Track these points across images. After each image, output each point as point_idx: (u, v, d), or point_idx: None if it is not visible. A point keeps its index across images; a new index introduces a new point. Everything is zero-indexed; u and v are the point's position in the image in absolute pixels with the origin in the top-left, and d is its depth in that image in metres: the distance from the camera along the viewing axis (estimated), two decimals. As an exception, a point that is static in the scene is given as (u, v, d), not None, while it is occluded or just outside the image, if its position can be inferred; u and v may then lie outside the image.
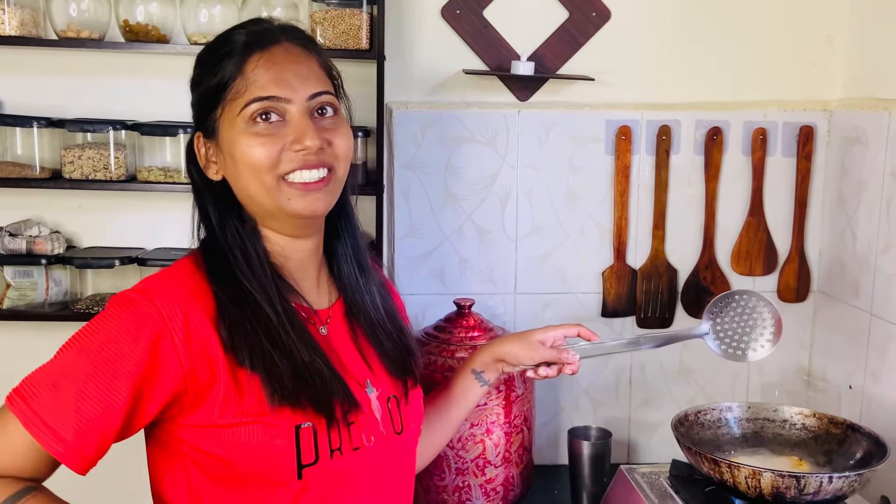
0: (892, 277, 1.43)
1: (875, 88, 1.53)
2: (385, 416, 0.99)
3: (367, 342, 1.03)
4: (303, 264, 1.00)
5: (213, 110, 0.94)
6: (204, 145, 0.97)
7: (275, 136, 0.91)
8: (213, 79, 0.93)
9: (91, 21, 1.49)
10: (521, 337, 1.18)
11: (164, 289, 0.89)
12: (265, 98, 0.91)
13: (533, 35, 1.61)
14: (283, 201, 0.93)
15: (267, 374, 0.89)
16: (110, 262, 1.52)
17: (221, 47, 0.94)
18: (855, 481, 1.13)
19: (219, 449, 0.89)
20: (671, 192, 1.66)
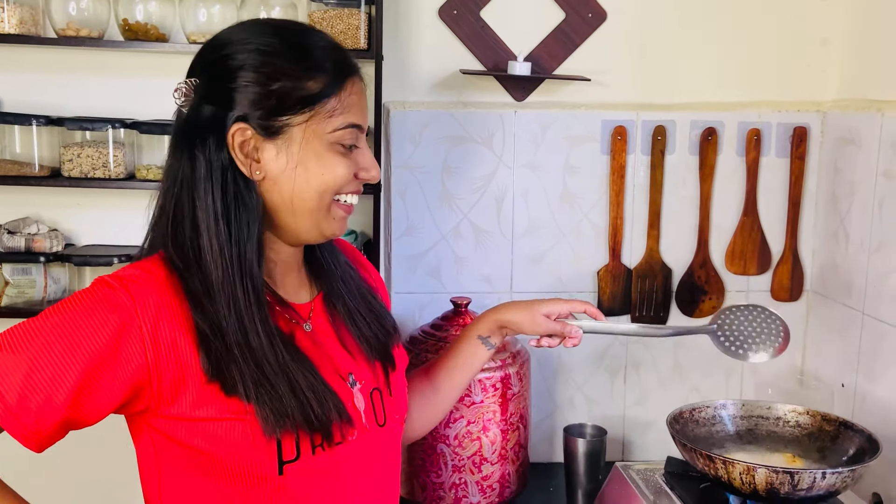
0: (884, 277, 1.45)
1: (868, 90, 1.54)
2: (368, 408, 1.00)
3: (348, 331, 1.03)
4: (288, 265, 1.00)
5: (290, 114, 0.90)
6: (248, 139, 0.90)
7: (350, 161, 0.94)
8: (299, 84, 0.90)
9: (90, 20, 1.50)
10: (527, 308, 1.18)
11: (143, 281, 0.88)
12: (357, 126, 0.94)
13: (529, 36, 1.62)
14: (325, 221, 0.94)
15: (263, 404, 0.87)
16: (109, 260, 1.53)
17: (306, 54, 0.92)
18: (848, 477, 1.15)
19: (198, 441, 0.89)
20: (666, 191, 1.67)
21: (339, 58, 0.94)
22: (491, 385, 1.43)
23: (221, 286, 0.89)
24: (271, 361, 0.89)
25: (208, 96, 0.90)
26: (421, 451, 1.44)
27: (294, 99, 0.90)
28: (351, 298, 1.05)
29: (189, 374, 0.87)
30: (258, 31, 0.93)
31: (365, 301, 1.06)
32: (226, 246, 0.89)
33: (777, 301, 1.71)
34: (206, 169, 0.89)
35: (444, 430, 1.42)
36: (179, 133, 0.92)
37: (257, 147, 0.90)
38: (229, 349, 0.88)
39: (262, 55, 0.90)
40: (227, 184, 0.90)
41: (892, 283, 1.42)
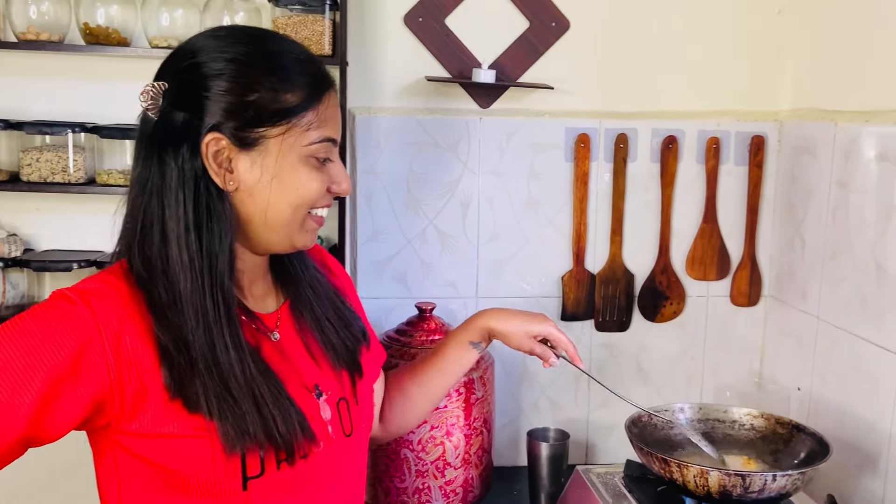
0: (837, 283, 1.49)
1: (822, 100, 1.58)
2: (335, 418, 1.00)
3: (315, 339, 1.02)
4: (255, 274, 1.00)
5: (266, 126, 0.89)
6: (226, 150, 0.88)
7: (323, 175, 0.94)
8: (276, 96, 0.89)
9: (51, 23, 1.48)
10: (521, 325, 1.18)
11: (104, 294, 0.86)
12: (333, 140, 0.94)
13: (494, 43, 1.64)
14: (297, 233, 0.95)
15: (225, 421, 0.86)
16: (68, 266, 1.51)
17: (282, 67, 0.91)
18: (798, 479, 1.18)
19: (160, 457, 0.88)
20: (628, 198, 1.70)
21: (317, 71, 0.94)
22: (454, 390, 1.44)
23: (189, 297, 0.87)
24: (238, 376, 0.88)
25: (179, 103, 0.88)
26: (384, 457, 1.45)
27: (271, 111, 0.89)
28: (319, 305, 1.04)
29: (151, 389, 0.86)
30: (233, 39, 0.91)
31: (333, 307, 1.06)
32: (196, 257, 0.87)
33: (736, 306, 1.75)
34: (177, 177, 0.87)
35: (408, 435, 1.43)
36: (148, 139, 0.90)
37: (231, 158, 0.89)
38: (193, 363, 0.86)
39: (239, 65, 0.89)
40: (200, 193, 0.88)
41: (845, 290, 1.46)
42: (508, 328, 1.19)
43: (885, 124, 1.35)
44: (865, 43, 1.44)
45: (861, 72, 1.45)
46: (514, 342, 1.19)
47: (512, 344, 1.20)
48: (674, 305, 1.74)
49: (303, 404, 0.95)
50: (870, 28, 1.43)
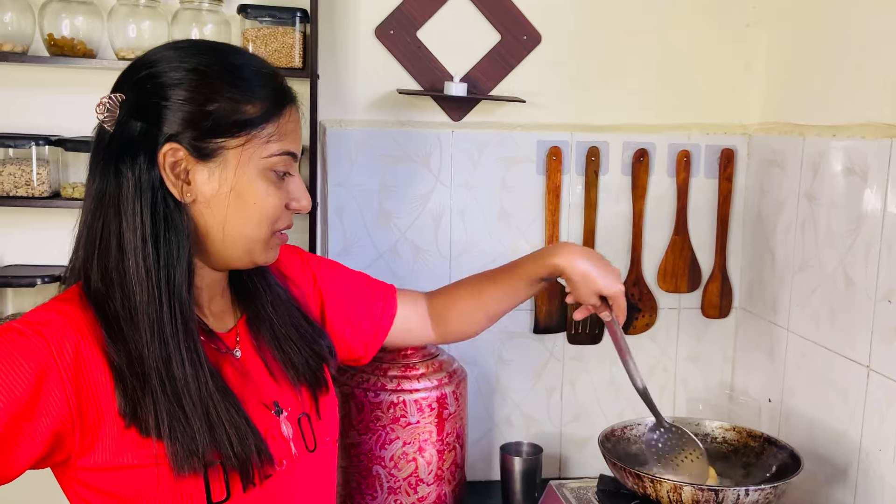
0: (807, 295, 1.50)
1: (791, 114, 1.60)
2: (297, 435, 0.98)
3: (273, 357, 1.00)
4: (213, 290, 0.98)
5: (226, 137, 0.88)
6: (179, 160, 0.87)
7: (281, 190, 0.93)
8: (236, 107, 0.88)
9: (14, 34, 1.45)
10: (593, 281, 1.16)
11: (56, 323, 0.83)
12: (292, 154, 0.93)
13: (466, 57, 1.64)
14: (262, 251, 0.94)
15: (174, 441, 0.83)
16: (31, 281, 1.47)
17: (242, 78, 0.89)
18: (770, 493, 1.18)
19: (121, 489, 0.85)
20: (600, 211, 1.70)
21: (279, 85, 0.93)
22: (427, 405, 1.42)
23: (146, 310, 0.85)
24: (192, 393, 0.85)
25: (137, 113, 0.86)
26: (356, 474, 1.43)
27: (231, 121, 0.88)
28: (280, 324, 1.02)
29: (107, 417, 0.84)
30: (195, 50, 0.91)
31: (295, 325, 1.04)
32: (153, 268, 0.86)
33: (707, 318, 1.76)
34: (134, 188, 0.86)
35: (380, 452, 1.41)
36: (103, 150, 0.88)
37: (188, 169, 0.88)
38: (147, 380, 0.84)
39: (199, 75, 0.88)
40: (157, 204, 0.86)
41: (815, 302, 1.47)
42: (581, 276, 1.16)
43: (852, 138, 1.37)
44: (833, 58, 1.46)
45: (829, 86, 1.47)
46: (580, 291, 1.17)
47: (576, 291, 1.18)
48: (646, 318, 1.74)
49: (262, 422, 0.93)
50: (837, 43, 1.45)
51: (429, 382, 1.43)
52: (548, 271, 1.19)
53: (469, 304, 1.25)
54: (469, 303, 1.25)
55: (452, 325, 1.26)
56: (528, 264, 1.21)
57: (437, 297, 1.27)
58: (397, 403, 1.41)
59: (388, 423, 1.41)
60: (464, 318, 1.26)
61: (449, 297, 1.26)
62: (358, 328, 1.20)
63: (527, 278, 1.21)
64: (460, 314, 1.25)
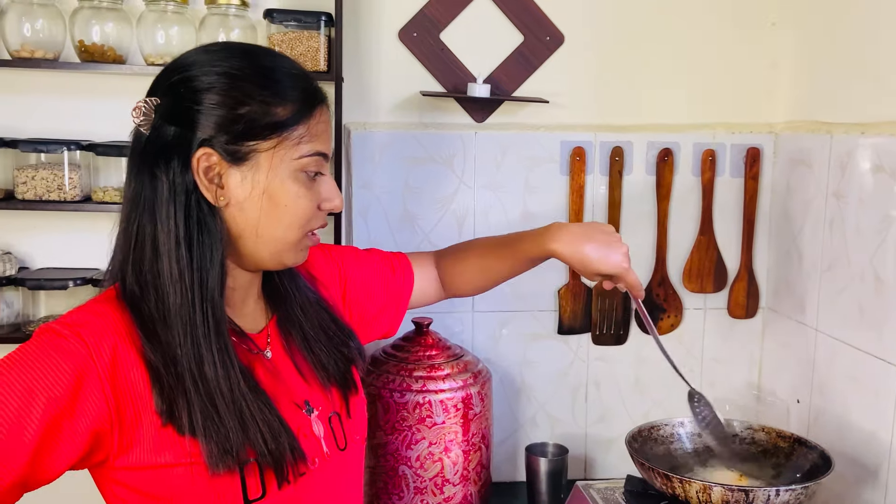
0: (835, 294, 1.48)
1: (818, 112, 1.59)
2: (328, 434, 0.99)
3: (303, 357, 1.01)
4: (246, 292, 0.99)
5: (256, 139, 0.88)
6: (217, 165, 0.88)
7: (313, 191, 0.93)
8: (267, 109, 0.88)
9: (45, 41, 1.48)
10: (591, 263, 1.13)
11: (94, 325, 0.85)
12: (323, 154, 0.93)
13: (489, 58, 1.64)
14: (293, 252, 0.95)
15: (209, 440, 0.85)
16: (64, 284, 1.50)
17: (274, 80, 0.90)
18: (801, 494, 1.17)
19: (158, 489, 0.86)
20: (624, 211, 1.70)
21: (308, 85, 0.94)
22: (452, 406, 1.43)
23: (178, 312, 0.86)
24: (224, 393, 0.86)
25: (171, 117, 0.87)
26: (383, 474, 1.44)
27: (263, 124, 0.88)
28: (309, 326, 1.03)
29: (144, 416, 0.85)
30: (226, 54, 0.91)
31: (323, 327, 1.05)
32: (186, 271, 0.87)
33: (734, 318, 1.74)
34: (168, 191, 0.87)
35: (406, 452, 1.42)
36: (139, 154, 0.89)
37: (221, 173, 0.88)
38: (181, 378, 0.85)
39: (231, 78, 0.88)
40: (191, 207, 0.88)
41: (844, 301, 1.45)
42: (578, 261, 1.13)
43: (881, 136, 1.35)
44: (860, 54, 1.44)
45: (856, 83, 1.46)
46: (581, 272, 1.16)
47: (577, 272, 1.18)
48: (671, 318, 1.73)
49: (294, 421, 0.94)
50: (864, 39, 1.44)
51: (454, 383, 1.44)
52: (545, 255, 1.18)
53: (475, 272, 1.26)
54: (475, 271, 1.26)
55: (459, 287, 1.29)
56: (527, 243, 1.19)
57: (446, 260, 1.29)
58: (423, 404, 1.41)
59: (414, 423, 1.41)
60: (469, 282, 1.28)
61: (457, 263, 1.27)
62: (383, 307, 1.22)
63: (526, 258, 1.21)
64: (466, 279, 1.27)
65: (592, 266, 1.13)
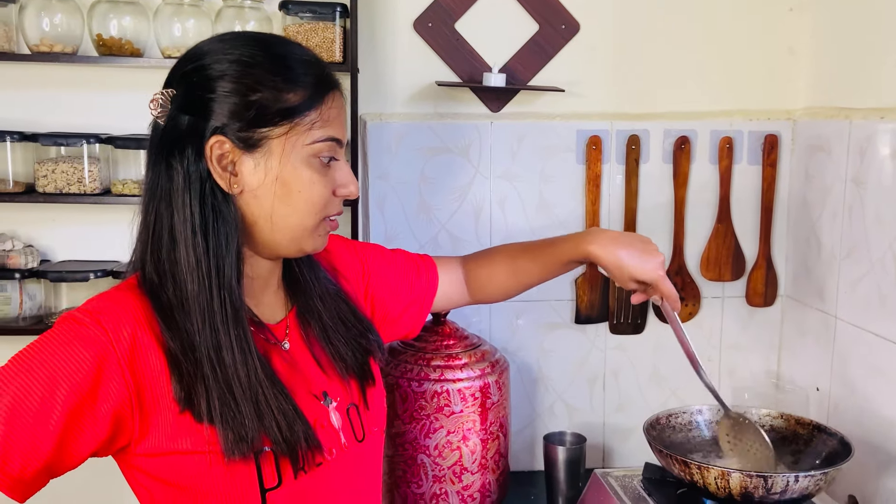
0: (855, 282, 1.47)
1: (836, 98, 1.57)
2: (346, 425, 0.99)
3: (322, 348, 1.02)
4: (265, 281, 0.99)
5: (268, 126, 0.88)
6: (230, 153, 0.89)
7: (327, 178, 0.93)
8: (279, 96, 0.89)
9: (64, 35, 1.49)
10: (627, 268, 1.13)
11: (113, 312, 0.86)
12: (336, 140, 0.93)
13: (504, 47, 1.64)
14: (310, 239, 0.95)
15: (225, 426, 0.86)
16: (85, 276, 1.52)
17: (286, 66, 0.90)
18: (821, 480, 1.16)
19: (177, 477, 0.88)
20: (641, 200, 1.69)
21: (320, 71, 0.94)
22: (470, 394, 1.43)
23: (196, 299, 0.87)
24: (241, 379, 0.87)
25: (185, 106, 0.88)
26: (402, 462, 1.45)
27: (274, 111, 0.89)
28: (328, 317, 1.03)
29: (162, 402, 0.86)
30: (238, 42, 0.92)
31: (342, 320, 1.05)
32: (203, 258, 0.88)
33: (752, 306, 1.74)
34: (183, 180, 0.88)
35: (424, 441, 1.42)
36: (156, 145, 0.90)
37: (235, 161, 0.89)
38: (199, 365, 0.86)
39: (243, 66, 0.89)
40: (206, 195, 0.88)
41: (863, 288, 1.44)
42: (614, 265, 1.14)
43: (901, 120, 1.34)
44: (879, 38, 1.43)
45: (875, 68, 1.44)
46: (615, 278, 1.16)
47: (612, 277, 1.17)
48: (689, 307, 1.73)
49: (312, 412, 0.94)
50: (884, 23, 1.42)
51: (472, 372, 1.44)
52: (582, 257, 1.18)
53: (504, 275, 1.26)
54: (504, 274, 1.26)
55: (487, 292, 1.28)
56: (564, 246, 1.20)
57: (473, 264, 1.28)
58: (441, 393, 1.42)
59: (432, 412, 1.42)
60: (499, 286, 1.27)
61: (485, 266, 1.27)
62: (406, 308, 1.22)
63: (561, 260, 1.21)
64: (495, 282, 1.27)
65: (628, 271, 1.13)
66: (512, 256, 1.26)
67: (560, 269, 1.23)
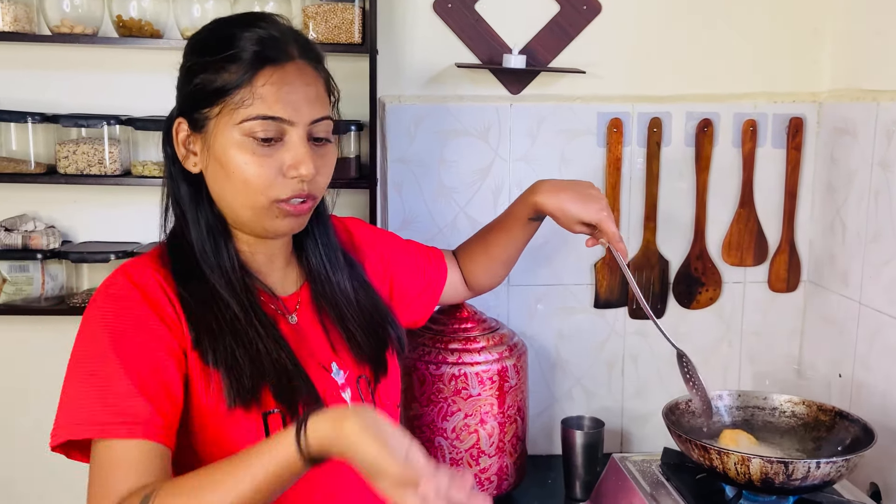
0: (880, 267, 1.45)
1: (863, 80, 1.54)
2: (356, 397, 1.00)
3: (337, 331, 1.04)
4: (270, 258, 1.02)
5: (208, 106, 0.92)
6: (186, 133, 0.96)
7: (270, 158, 0.92)
8: (215, 76, 0.91)
9: (84, 16, 1.50)
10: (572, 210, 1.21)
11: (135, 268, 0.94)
12: (270, 118, 0.91)
13: (524, 28, 1.62)
14: (267, 219, 0.95)
15: (228, 373, 0.90)
16: (106, 257, 1.53)
17: (228, 45, 0.91)
18: (842, 467, 1.15)
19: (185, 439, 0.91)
20: (662, 183, 1.67)
21: (263, 46, 0.91)
22: (488, 378, 1.43)
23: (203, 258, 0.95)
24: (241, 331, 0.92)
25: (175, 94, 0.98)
26: (419, 445, 1.45)
27: (209, 90, 0.91)
28: (345, 303, 1.05)
29: (188, 352, 0.92)
30: (206, 27, 0.97)
31: (361, 308, 1.06)
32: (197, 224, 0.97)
33: (774, 291, 1.71)
34: (170, 162, 0.99)
35: (442, 424, 1.42)
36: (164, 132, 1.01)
37: (191, 140, 0.95)
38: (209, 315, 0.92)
39: (192, 49, 0.95)
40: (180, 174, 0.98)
41: (889, 273, 1.42)
42: (558, 209, 1.21)
43: (930, 102, 1.31)
44: (908, 19, 1.40)
45: (904, 49, 1.41)
46: (562, 223, 1.23)
47: (560, 223, 1.23)
48: (710, 292, 1.71)
49: (320, 382, 0.96)
50: (913, 4, 1.39)
51: (490, 355, 1.44)
52: (531, 209, 1.24)
53: (483, 258, 1.32)
54: (482, 257, 1.32)
55: (479, 280, 1.34)
56: (515, 206, 1.28)
57: (460, 258, 1.34)
58: (459, 376, 1.41)
59: (449, 395, 1.42)
60: (485, 271, 1.33)
61: (467, 256, 1.33)
62: (420, 293, 1.24)
63: (519, 220, 1.27)
64: (481, 268, 1.33)
65: (572, 213, 1.20)
66: (481, 238, 1.32)
67: (522, 231, 1.28)
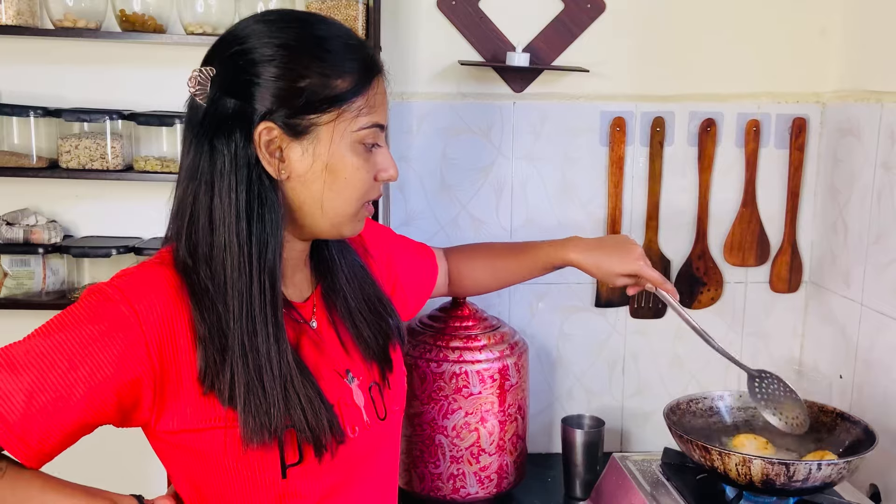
0: (882, 268, 1.45)
1: (868, 81, 1.54)
2: (368, 403, 0.99)
3: (346, 329, 1.02)
4: (296, 262, 1.00)
5: (316, 113, 0.88)
6: (278, 139, 0.88)
7: (370, 163, 0.93)
8: (327, 82, 0.88)
9: (87, 11, 1.49)
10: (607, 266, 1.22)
11: (143, 288, 0.86)
12: (382, 126, 0.93)
13: (528, 26, 1.62)
14: (354, 222, 0.95)
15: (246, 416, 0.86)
16: (107, 252, 1.53)
17: (338, 52, 0.89)
18: (843, 468, 1.15)
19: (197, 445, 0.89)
20: (665, 183, 1.67)
21: (366, 56, 0.93)
22: (489, 376, 1.43)
23: (235, 285, 0.87)
24: (273, 368, 0.87)
25: (229, 89, 0.87)
26: (419, 442, 1.45)
27: (322, 97, 0.88)
28: (353, 298, 1.04)
29: (186, 385, 0.87)
30: (284, 24, 0.90)
31: (367, 300, 1.06)
32: (245, 244, 0.87)
33: (775, 292, 1.71)
34: (229, 164, 0.87)
35: (443, 422, 1.42)
36: (198, 126, 0.89)
37: (282, 147, 0.88)
38: (228, 353, 0.86)
39: (290, 50, 0.87)
40: (252, 181, 0.87)
41: (891, 275, 1.42)
42: (594, 266, 1.23)
43: (935, 104, 1.31)
44: (913, 20, 1.39)
45: (909, 50, 1.41)
46: (602, 279, 1.25)
47: (599, 279, 1.26)
48: (711, 292, 1.71)
49: (336, 391, 0.95)
50: (918, 5, 1.38)
51: (490, 354, 1.44)
52: (563, 263, 1.26)
53: (484, 272, 1.32)
54: (484, 271, 1.32)
55: (464, 286, 1.35)
56: (545, 250, 1.27)
57: (454, 258, 1.33)
58: (459, 374, 1.41)
59: (450, 393, 1.42)
60: (475, 282, 1.34)
61: (465, 262, 1.33)
62: (410, 293, 1.24)
63: (541, 264, 1.28)
64: (473, 279, 1.33)
65: (607, 268, 1.22)
66: (493, 256, 1.32)
67: (538, 272, 1.30)
